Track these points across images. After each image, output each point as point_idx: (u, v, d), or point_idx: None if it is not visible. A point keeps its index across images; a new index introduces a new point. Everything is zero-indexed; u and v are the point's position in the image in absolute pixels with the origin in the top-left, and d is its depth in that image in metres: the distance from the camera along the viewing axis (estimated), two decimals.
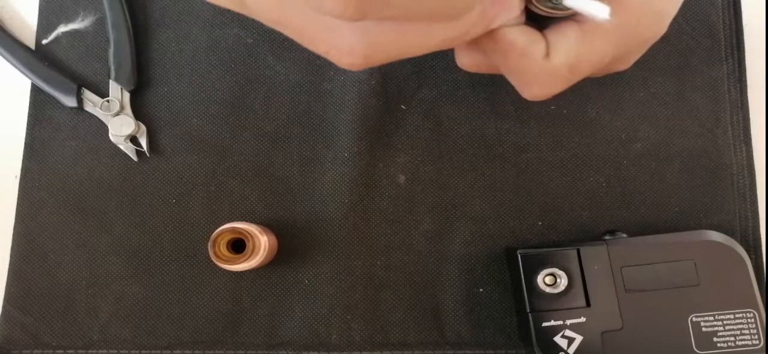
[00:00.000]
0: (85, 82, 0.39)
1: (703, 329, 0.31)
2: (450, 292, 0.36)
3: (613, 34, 0.26)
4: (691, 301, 0.32)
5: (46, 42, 0.39)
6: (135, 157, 0.38)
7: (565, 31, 0.26)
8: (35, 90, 0.39)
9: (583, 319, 0.32)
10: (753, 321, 0.32)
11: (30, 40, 0.39)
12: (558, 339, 0.31)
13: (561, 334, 0.31)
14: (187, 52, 0.39)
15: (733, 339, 0.31)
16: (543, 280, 0.32)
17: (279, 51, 0.39)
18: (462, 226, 0.37)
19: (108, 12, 0.38)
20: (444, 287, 0.36)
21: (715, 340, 0.31)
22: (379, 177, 0.37)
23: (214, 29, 0.39)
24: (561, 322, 0.32)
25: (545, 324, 0.32)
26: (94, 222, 0.37)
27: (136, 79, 0.38)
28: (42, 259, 0.37)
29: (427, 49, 0.24)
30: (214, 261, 0.32)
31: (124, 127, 0.37)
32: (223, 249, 0.33)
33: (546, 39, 0.26)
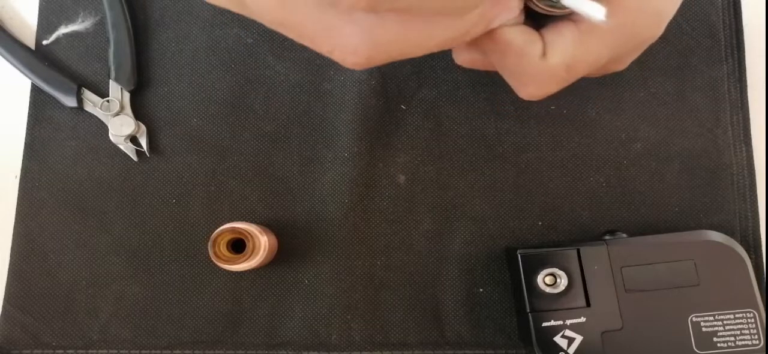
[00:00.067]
0: (85, 82, 0.39)
1: (703, 329, 0.31)
2: (450, 292, 0.36)
3: (611, 35, 0.26)
4: (691, 301, 0.32)
5: (46, 43, 0.39)
6: (135, 157, 0.38)
7: (562, 31, 0.26)
8: (35, 90, 0.39)
9: (583, 319, 0.32)
10: (753, 321, 0.32)
11: (30, 40, 0.39)
12: (558, 339, 0.31)
13: (561, 334, 0.31)
14: (187, 52, 0.39)
15: (733, 339, 0.31)
16: (543, 280, 0.32)
17: (279, 51, 0.39)
18: (462, 226, 0.37)
19: (108, 12, 0.38)
20: (444, 287, 0.36)
21: (715, 340, 0.31)
22: (379, 177, 0.37)
23: (214, 29, 0.39)
24: (561, 322, 0.32)
25: (545, 324, 0.32)
26: (94, 222, 0.37)
27: (136, 79, 0.38)
28: (42, 259, 0.37)
29: (427, 49, 0.24)
30: (214, 261, 0.32)
31: (124, 127, 0.37)
32: (223, 249, 0.33)
33: (543, 39, 0.26)
